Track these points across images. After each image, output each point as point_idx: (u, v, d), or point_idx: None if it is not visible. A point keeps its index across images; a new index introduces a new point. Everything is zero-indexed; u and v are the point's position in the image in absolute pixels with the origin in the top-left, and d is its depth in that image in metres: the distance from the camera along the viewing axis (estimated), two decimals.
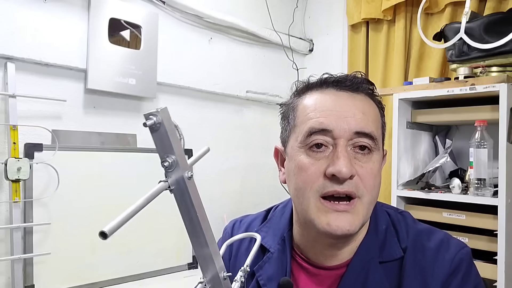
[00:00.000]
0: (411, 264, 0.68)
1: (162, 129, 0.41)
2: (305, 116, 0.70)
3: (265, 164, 2.52)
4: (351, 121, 0.66)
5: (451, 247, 0.70)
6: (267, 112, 2.57)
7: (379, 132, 0.71)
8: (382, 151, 0.72)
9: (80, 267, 1.66)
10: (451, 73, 1.85)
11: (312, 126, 0.67)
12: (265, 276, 0.73)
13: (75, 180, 1.67)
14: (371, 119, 0.69)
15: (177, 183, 0.43)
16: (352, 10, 2.40)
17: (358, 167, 0.66)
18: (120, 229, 0.74)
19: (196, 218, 0.45)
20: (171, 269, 1.93)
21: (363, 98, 0.71)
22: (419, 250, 0.70)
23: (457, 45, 1.65)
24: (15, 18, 1.56)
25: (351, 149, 0.67)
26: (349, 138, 0.66)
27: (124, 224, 0.38)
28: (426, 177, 1.71)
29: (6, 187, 1.55)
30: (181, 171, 0.42)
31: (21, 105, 1.58)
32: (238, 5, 2.34)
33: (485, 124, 1.51)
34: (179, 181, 0.43)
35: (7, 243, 1.55)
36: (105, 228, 0.36)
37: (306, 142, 0.68)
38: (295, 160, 0.69)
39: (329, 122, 0.66)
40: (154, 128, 0.41)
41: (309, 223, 0.68)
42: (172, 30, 2.06)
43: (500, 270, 1.41)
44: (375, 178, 0.68)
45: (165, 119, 0.41)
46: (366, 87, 0.72)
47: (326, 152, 0.66)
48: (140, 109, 1.97)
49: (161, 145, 0.42)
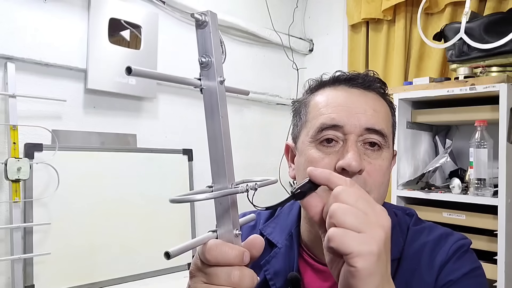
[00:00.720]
0: (408, 262, 0.68)
1: (207, 29, 0.44)
2: (316, 112, 0.70)
3: (265, 164, 2.52)
4: (362, 117, 0.67)
5: (449, 239, 0.70)
6: (267, 112, 2.58)
7: (390, 130, 0.72)
8: (392, 150, 0.72)
9: (80, 267, 1.66)
10: (451, 73, 1.85)
11: (324, 122, 0.67)
12: (272, 271, 0.73)
13: (75, 180, 1.67)
14: (382, 116, 0.70)
15: (208, 84, 0.45)
16: (352, 10, 2.40)
17: (367, 163, 0.66)
18: (120, 229, 0.74)
19: (218, 125, 0.46)
20: (171, 269, 1.92)
21: (374, 96, 0.71)
22: (417, 247, 0.70)
23: (457, 45, 1.65)
24: (15, 18, 1.56)
25: (361, 145, 0.67)
26: (360, 134, 0.67)
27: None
28: (426, 177, 1.71)
29: (6, 187, 1.55)
30: (215, 74, 0.44)
31: (21, 105, 1.58)
32: (238, 5, 2.34)
33: (485, 124, 1.51)
34: (210, 83, 0.45)
35: (7, 243, 1.55)
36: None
37: (317, 137, 0.68)
38: (305, 155, 0.69)
39: (340, 118, 0.67)
40: (200, 24, 0.44)
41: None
42: (172, 30, 2.06)
43: (500, 270, 1.42)
44: (384, 175, 0.68)
45: (212, 22, 0.44)
46: (377, 85, 0.73)
47: (336, 147, 0.67)
48: (140, 109, 1.97)
49: (203, 44, 0.44)
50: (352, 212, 0.44)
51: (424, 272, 0.67)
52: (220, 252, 0.45)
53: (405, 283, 0.67)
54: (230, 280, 0.44)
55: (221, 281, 0.44)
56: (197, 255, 0.47)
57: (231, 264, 0.45)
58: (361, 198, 0.46)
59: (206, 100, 0.46)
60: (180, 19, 2.10)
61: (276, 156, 2.56)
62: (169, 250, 0.41)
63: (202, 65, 0.45)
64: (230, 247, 0.45)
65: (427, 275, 0.67)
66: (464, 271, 0.66)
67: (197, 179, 2.08)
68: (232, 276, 0.44)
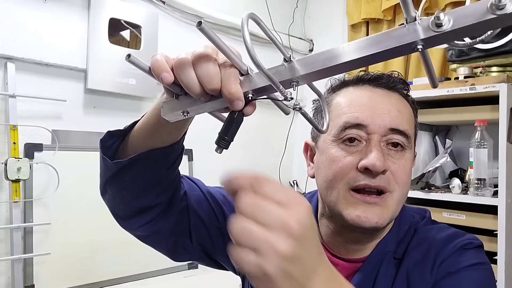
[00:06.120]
0: (411, 257, 0.68)
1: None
2: (339, 111, 0.69)
3: (265, 164, 2.52)
4: (386, 117, 0.66)
5: (459, 237, 0.69)
6: (267, 112, 2.57)
7: (413, 131, 0.72)
8: (414, 151, 0.72)
9: (80, 267, 1.66)
10: (451, 73, 1.85)
11: (347, 121, 0.67)
12: None
13: (75, 180, 1.67)
14: (406, 117, 0.70)
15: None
16: (352, 10, 2.40)
17: (391, 163, 0.66)
18: (120, 229, 0.74)
19: None
20: (171, 269, 1.92)
21: (398, 97, 0.71)
22: (422, 244, 0.69)
23: None
24: (15, 18, 1.56)
25: (384, 145, 0.67)
26: (384, 134, 0.66)
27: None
28: (426, 177, 1.71)
29: (6, 187, 1.55)
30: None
31: (21, 105, 1.58)
32: (238, 5, 2.34)
33: (485, 124, 1.51)
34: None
35: (7, 243, 1.55)
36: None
37: (340, 136, 0.67)
38: (326, 153, 0.69)
39: (365, 117, 0.66)
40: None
41: (337, 216, 0.67)
42: (172, 30, 2.06)
43: (500, 270, 1.42)
44: (408, 175, 0.68)
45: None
46: (401, 86, 0.72)
47: (359, 146, 0.66)
48: (140, 109, 1.97)
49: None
50: (244, 233, 0.39)
51: (426, 269, 0.66)
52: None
53: (406, 279, 0.67)
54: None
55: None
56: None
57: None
58: (258, 207, 0.40)
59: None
60: (180, 19, 2.10)
61: (276, 156, 2.56)
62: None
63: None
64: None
65: (428, 272, 0.66)
66: (466, 264, 0.64)
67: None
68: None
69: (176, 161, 0.66)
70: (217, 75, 0.46)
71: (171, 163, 0.65)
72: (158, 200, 0.68)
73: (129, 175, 0.63)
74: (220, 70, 0.46)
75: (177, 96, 0.50)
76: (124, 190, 0.65)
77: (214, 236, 0.76)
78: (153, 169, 0.63)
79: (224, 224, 0.77)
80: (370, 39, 0.41)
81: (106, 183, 0.66)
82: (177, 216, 0.72)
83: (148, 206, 0.67)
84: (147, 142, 0.62)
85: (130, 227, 0.72)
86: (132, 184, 0.64)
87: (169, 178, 0.68)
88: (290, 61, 0.46)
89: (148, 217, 0.68)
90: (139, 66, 0.47)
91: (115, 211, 0.71)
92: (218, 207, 0.77)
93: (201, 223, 0.75)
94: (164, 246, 0.76)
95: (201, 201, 0.76)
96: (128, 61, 0.45)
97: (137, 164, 0.62)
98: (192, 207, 0.74)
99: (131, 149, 0.63)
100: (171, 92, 0.51)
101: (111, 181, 0.65)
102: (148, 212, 0.68)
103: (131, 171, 0.62)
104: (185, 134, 0.65)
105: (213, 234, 0.76)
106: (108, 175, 0.64)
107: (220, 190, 0.81)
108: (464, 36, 0.37)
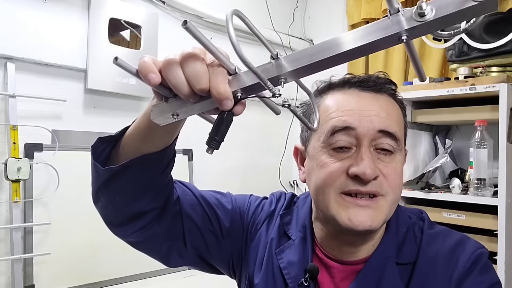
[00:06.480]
0: (423, 268, 0.68)
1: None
2: (327, 116, 0.68)
3: (265, 164, 2.52)
4: (374, 119, 0.65)
5: (466, 248, 0.69)
6: (267, 112, 2.56)
7: (402, 132, 0.71)
8: (404, 152, 0.72)
9: (80, 267, 1.66)
10: (451, 73, 1.85)
11: (335, 125, 0.66)
12: (286, 260, 0.74)
13: (75, 180, 1.67)
14: (395, 119, 0.69)
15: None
16: (352, 10, 2.40)
17: (382, 166, 0.65)
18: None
19: None
20: (171, 269, 1.92)
21: (386, 99, 0.70)
22: (432, 253, 0.69)
23: (457, 45, 1.65)
24: (15, 18, 1.56)
25: (373, 150, 0.66)
26: (373, 137, 0.65)
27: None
28: (426, 177, 1.71)
29: (6, 187, 1.55)
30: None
31: (21, 105, 1.58)
32: (238, 5, 2.34)
33: (485, 124, 1.51)
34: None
35: (7, 243, 1.55)
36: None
37: (329, 141, 0.67)
38: (316, 160, 0.68)
39: (353, 120, 0.65)
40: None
41: (330, 221, 0.67)
42: (172, 30, 2.06)
43: (500, 270, 1.42)
44: (400, 177, 0.68)
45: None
46: (389, 87, 0.71)
47: (349, 152, 0.66)
48: (140, 109, 1.96)
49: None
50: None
51: (438, 281, 0.66)
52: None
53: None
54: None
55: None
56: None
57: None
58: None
59: None
60: (180, 19, 2.10)
61: (276, 156, 2.56)
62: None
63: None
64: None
65: (441, 285, 0.66)
66: (486, 285, 0.65)
67: (197, 179, 2.08)
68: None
69: (168, 166, 0.66)
70: (205, 74, 0.46)
71: (164, 168, 0.65)
72: (151, 206, 0.68)
73: (121, 181, 0.63)
74: (208, 70, 0.47)
75: (166, 99, 0.50)
76: (117, 196, 0.65)
77: (208, 240, 0.76)
78: (146, 175, 0.63)
79: (218, 227, 0.77)
80: (355, 32, 0.41)
81: (98, 190, 0.66)
82: (170, 221, 0.72)
83: (141, 212, 0.67)
84: (139, 147, 0.62)
85: (123, 234, 0.72)
86: (124, 190, 0.64)
87: (162, 183, 0.68)
88: (277, 58, 0.46)
89: (142, 223, 0.68)
90: (127, 68, 0.47)
91: (108, 218, 0.70)
92: (211, 211, 0.77)
93: (195, 227, 0.75)
94: (158, 252, 0.75)
95: (195, 205, 0.76)
96: (115, 64, 0.45)
97: (129, 170, 0.61)
98: (185, 211, 0.74)
99: (123, 155, 0.63)
100: (160, 95, 0.51)
101: (103, 188, 0.65)
102: (142, 218, 0.68)
103: (123, 177, 0.62)
104: (177, 138, 0.65)
105: (207, 237, 0.76)
106: (100, 182, 0.64)
107: (213, 194, 0.81)
108: (447, 25, 0.37)
